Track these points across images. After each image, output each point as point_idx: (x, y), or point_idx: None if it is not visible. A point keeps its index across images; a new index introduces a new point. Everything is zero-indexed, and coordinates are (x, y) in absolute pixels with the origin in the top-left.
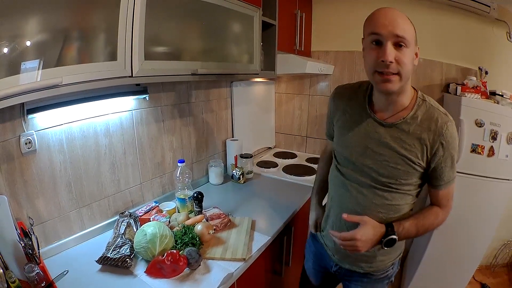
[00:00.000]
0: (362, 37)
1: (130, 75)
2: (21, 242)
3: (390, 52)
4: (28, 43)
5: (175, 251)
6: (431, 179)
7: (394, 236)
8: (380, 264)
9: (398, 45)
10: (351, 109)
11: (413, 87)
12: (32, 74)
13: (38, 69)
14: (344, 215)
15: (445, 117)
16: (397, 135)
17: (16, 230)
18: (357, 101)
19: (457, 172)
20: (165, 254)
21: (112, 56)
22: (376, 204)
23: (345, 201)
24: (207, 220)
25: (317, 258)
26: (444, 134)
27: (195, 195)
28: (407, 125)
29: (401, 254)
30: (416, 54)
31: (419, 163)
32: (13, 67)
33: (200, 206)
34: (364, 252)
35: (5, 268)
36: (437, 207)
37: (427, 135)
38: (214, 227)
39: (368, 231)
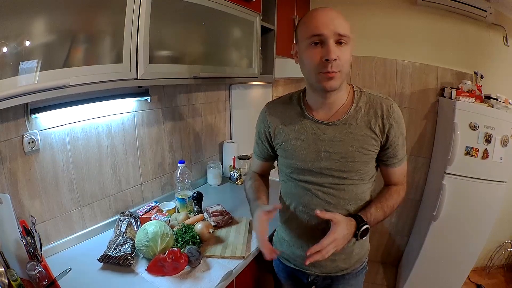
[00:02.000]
0: (294, 42)
1: (136, 77)
2: (23, 241)
3: (333, 51)
4: (36, 44)
5: (176, 249)
6: (386, 159)
7: (366, 226)
8: (357, 257)
9: (339, 43)
10: (290, 120)
11: (347, 83)
12: (40, 74)
13: (47, 70)
14: (317, 211)
15: (388, 101)
16: (346, 130)
17: (19, 228)
18: (294, 111)
19: (451, 174)
20: (167, 252)
21: (118, 59)
22: (345, 198)
23: (313, 205)
24: (209, 216)
25: (289, 275)
26: (392, 116)
27: (194, 195)
28: (353, 118)
29: (369, 245)
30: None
31: (375, 149)
32: (21, 67)
33: (200, 206)
34: (340, 251)
35: (7, 266)
36: (395, 186)
37: (376, 121)
38: (216, 223)
39: (342, 227)
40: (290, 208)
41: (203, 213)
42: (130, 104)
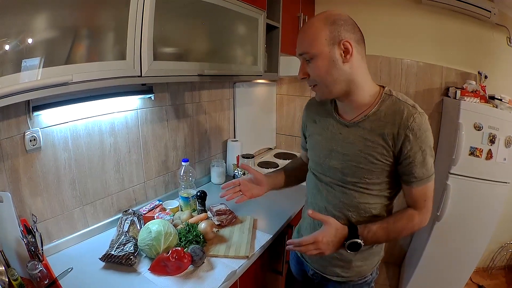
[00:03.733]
0: None
1: (139, 74)
2: (24, 239)
3: (300, 70)
4: (38, 41)
5: (179, 248)
6: (402, 175)
7: (357, 240)
8: (357, 270)
9: (306, 59)
10: (320, 116)
11: (380, 85)
12: (42, 71)
13: (49, 66)
14: (309, 211)
15: (413, 109)
16: (360, 133)
17: (19, 227)
18: (325, 108)
19: (455, 174)
20: (170, 251)
21: (122, 56)
22: (344, 202)
23: (317, 201)
24: (213, 215)
25: (297, 262)
26: (411, 126)
27: (198, 194)
28: (369, 122)
29: (380, 262)
30: (343, 53)
31: (385, 160)
32: (23, 64)
33: (203, 205)
34: (336, 255)
35: (8, 265)
36: (412, 209)
37: (391, 129)
38: (220, 222)
39: (330, 232)
40: (307, 198)
41: (206, 212)
42: (134, 102)
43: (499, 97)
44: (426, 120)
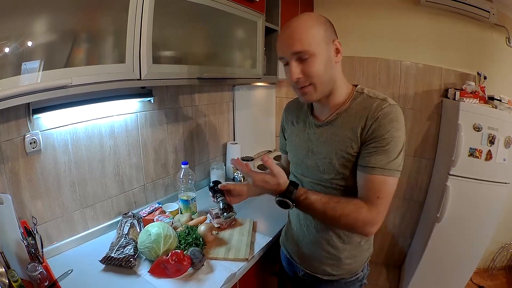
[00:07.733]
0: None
1: (139, 78)
2: (25, 241)
3: (294, 70)
4: (38, 44)
5: (179, 251)
6: (358, 161)
7: (287, 201)
8: (347, 267)
9: (302, 58)
10: (297, 118)
11: (353, 84)
12: (42, 74)
13: (48, 69)
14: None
15: (382, 102)
16: (332, 131)
17: (20, 229)
18: (302, 111)
19: (455, 175)
20: (170, 254)
21: (121, 59)
22: None
23: None
24: (213, 218)
25: (287, 263)
26: (377, 115)
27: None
28: (341, 119)
29: (370, 258)
30: (336, 50)
31: (354, 153)
32: (23, 67)
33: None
34: (325, 254)
35: (8, 267)
36: (362, 201)
37: (360, 123)
38: (219, 225)
39: (271, 180)
40: None
41: (210, 211)
42: (133, 105)
43: (498, 98)
44: (395, 111)
